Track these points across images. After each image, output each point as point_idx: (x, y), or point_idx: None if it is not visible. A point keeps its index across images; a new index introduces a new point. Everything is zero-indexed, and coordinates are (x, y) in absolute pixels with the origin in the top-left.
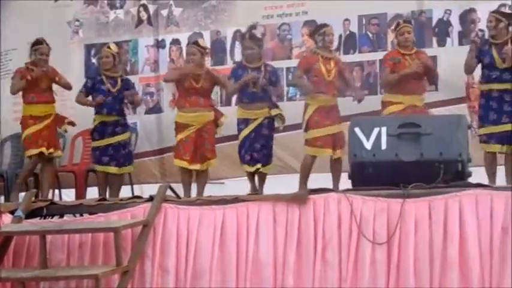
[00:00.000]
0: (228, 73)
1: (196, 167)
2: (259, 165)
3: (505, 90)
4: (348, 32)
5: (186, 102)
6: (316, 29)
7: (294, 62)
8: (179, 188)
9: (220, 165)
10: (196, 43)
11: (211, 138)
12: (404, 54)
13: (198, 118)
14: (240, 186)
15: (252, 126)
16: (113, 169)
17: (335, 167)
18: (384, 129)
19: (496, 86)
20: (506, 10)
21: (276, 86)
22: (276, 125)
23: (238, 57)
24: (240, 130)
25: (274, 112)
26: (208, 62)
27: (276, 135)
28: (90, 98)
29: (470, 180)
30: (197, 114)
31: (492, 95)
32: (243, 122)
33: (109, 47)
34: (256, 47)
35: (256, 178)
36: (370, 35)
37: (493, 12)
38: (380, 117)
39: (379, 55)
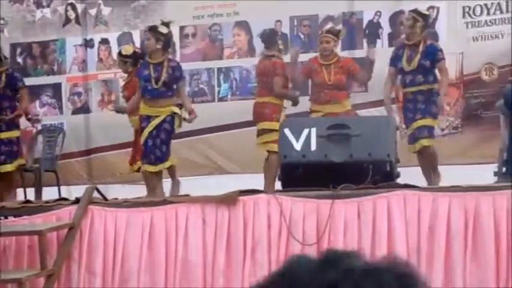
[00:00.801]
0: None
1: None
2: (161, 166)
3: (419, 91)
4: (279, 33)
5: None
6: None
7: (225, 63)
8: (106, 190)
9: None
10: (119, 53)
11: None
12: (323, 65)
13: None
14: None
15: (154, 123)
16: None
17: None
18: (313, 130)
19: (410, 89)
20: (425, 11)
21: (178, 82)
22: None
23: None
24: (142, 128)
25: (174, 109)
26: None
27: (208, 135)
28: None
29: (399, 180)
30: (131, 119)
31: (407, 97)
32: (145, 120)
33: None
34: (153, 38)
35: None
36: (302, 36)
37: (412, 11)
38: (310, 119)
39: (311, 56)
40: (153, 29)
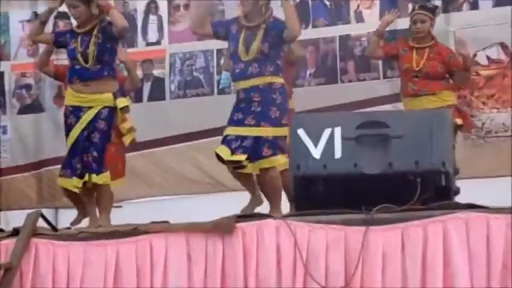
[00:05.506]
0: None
1: None
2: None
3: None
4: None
5: None
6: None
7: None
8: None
9: None
10: None
11: None
12: (415, 48)
13: None
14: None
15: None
16: None
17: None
18: (337, 131)
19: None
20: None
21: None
22: None
23: (153, 37)
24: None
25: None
26: None
27: (204, 140)
28: None
29: (458, 199)
30: None
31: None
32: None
33: None
34: (81, 4)
35: None
36: (327, 3)
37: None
38: (332, 114)
39: (338, 30)
40: None
